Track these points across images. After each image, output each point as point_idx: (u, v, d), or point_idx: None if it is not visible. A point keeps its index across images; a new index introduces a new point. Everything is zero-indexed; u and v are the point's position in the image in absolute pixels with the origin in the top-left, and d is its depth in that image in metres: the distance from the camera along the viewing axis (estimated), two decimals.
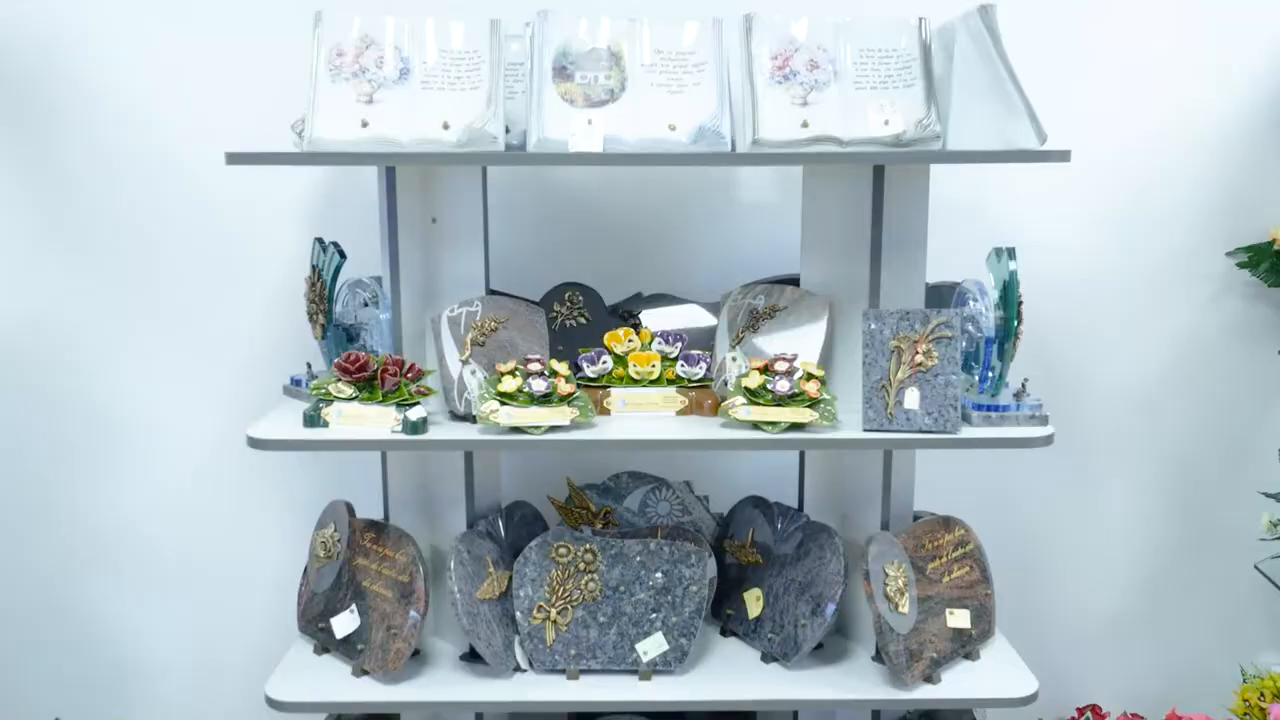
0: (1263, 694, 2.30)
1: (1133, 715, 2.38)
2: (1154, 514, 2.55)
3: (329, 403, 1.88)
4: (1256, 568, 2.39)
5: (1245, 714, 2.29)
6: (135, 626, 2.58)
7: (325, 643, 2.07)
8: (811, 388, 1.85)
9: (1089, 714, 2.40)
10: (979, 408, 1.89)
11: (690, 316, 2.15)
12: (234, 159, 1.79)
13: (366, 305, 2.06)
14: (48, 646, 2.59)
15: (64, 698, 2.57)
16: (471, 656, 2.03)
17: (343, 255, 2.05)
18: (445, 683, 1.97)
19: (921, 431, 1.83)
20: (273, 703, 1.92)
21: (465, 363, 1.93)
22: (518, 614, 2.01)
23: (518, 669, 1.99)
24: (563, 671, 1.99)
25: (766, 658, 2.03)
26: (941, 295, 2.04)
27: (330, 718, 2.19)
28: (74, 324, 2.45)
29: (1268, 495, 2.32)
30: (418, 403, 1.87)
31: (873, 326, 1.87)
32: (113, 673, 2.59)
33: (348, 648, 2.01)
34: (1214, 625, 2.59)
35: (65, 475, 2.52)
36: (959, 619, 2.03)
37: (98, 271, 2.43)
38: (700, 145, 1.84)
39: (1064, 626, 2.59)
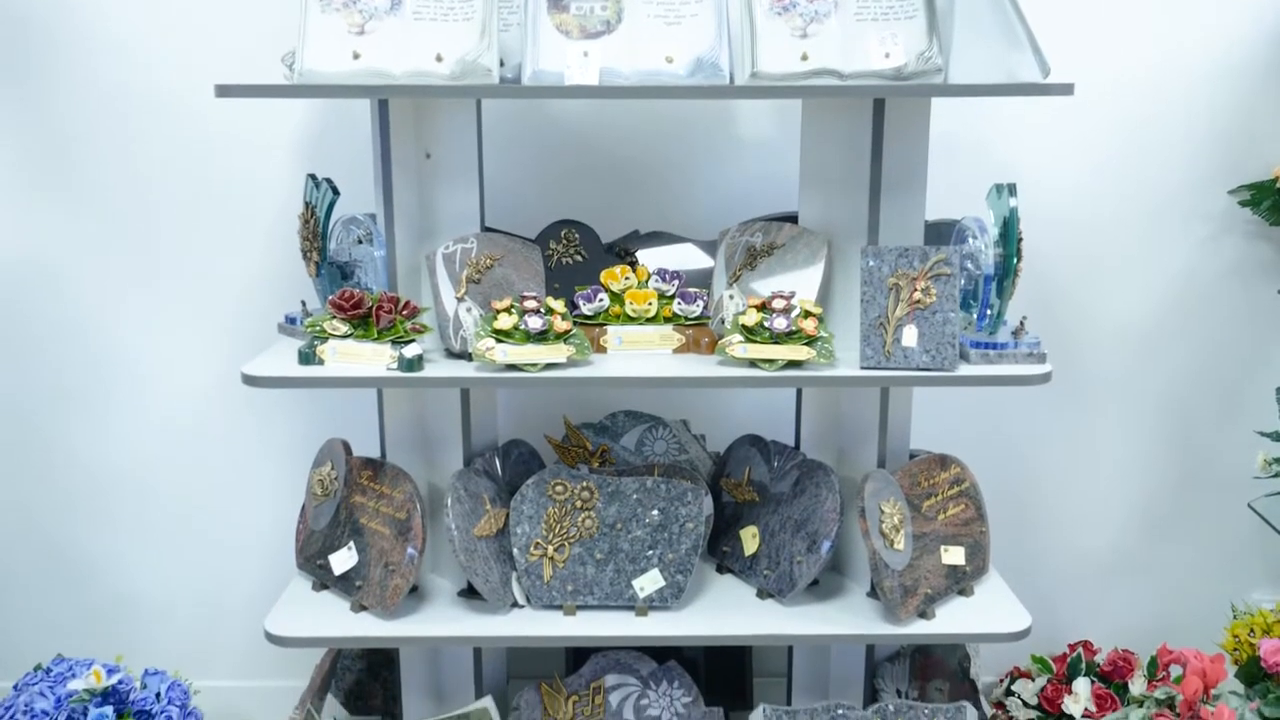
0: (1252, 630, 2.33)
1: (1124, 651, 2.40)
2: (1150, 453, 2.56)
3: (324, 340, 1.87)
4: (1250, 506, 2.40)
5: (1235, 649, 2.31)
6: (134, 565, 2.60)
7: (323, 579, 2.08)
8: (809, 325, 1.84)
9: (1080, 650, 2.42)
10: (977, 345, 1.88)
11: (687, 258, 2.13)
12: (223, 91, 1.76)
13: (361, 242, 2.04)
14: (48, 586, 2.61)
15: (65, 636, 2.60)
16: (469, 593, 2.04)
17: (336, 192, 2.03)
18: (443, 618, 1.98)
19: (919, 369, 1.83)
20: (272, 638, 1.94)
21: (461, 300, 1.92)
22: (515, 551, 2.02)
23: (515, 605, 2.00)
24: (560, 607, 2.00)
25: (762, 594, 2.05)
26: (941, 233, 2.02)
27: (330, 652, 2.22)
28: (65, 265, 2.43)
29: (1263, 434, 2.32)
30: (413, 340, 1.86)
31: (871, 263, 1.85)
32: (113, 611, 2.62)
33: (346, 584, 2.03)
34: (1206, 563, 2.61)
35: (61, 416, 2.52)
36: (954, 556, 2.04)
37: (88, 211, 2.40)
38: (698, 78, 1.81)
39: (1058, 564, 2.61)
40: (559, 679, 2.15)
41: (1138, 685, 2.32)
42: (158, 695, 2.25)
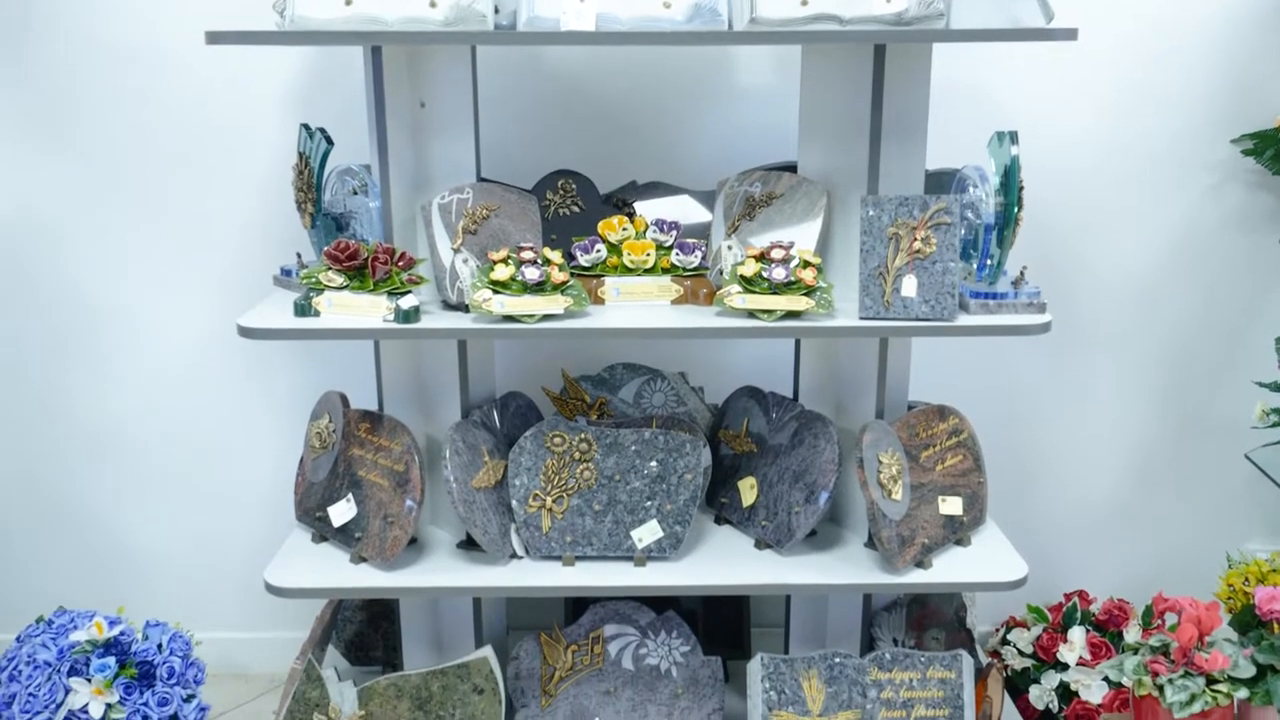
0: (1247, 579, 2.34)
1: (1119, 600, 2.42)
2: (1148, 403, 2.56)
3: (320, 292, 1.86)
4: (1247, 457, 2.41)
5: (1229, 598, 2.33)
6: (133, 518, 2.61)
7: (323, 531, 2.08)
8: (808, 275, 1.83)
9: (1075, 599, 2.44)
10: (976, 295, 1.87)
11: (685, 211, 2.11)
12: (214, 38, 1.74)
13: (355, 193, 2.02)
14: (48, 540, 2.62)
15: (66, 587, 2.61)
16: (468, 544, 2.05)
17: (330, 142, 2.01)
18: (443, 569, 1.99)
19: (918, 319, 1.82)
20: (272, 589, 1.94)
21: (457, 251, 1.90)
22: (513, 502, 2.02)
23: (514, 556, 2.01)
24: (559, 558, 2.01)
25: (760, 544, 2.05)
26: (941, 182, 2.01)
27: (330, 603, 2.23)
28: (58, 219, 2.41)
29: (1262, 385, 2.32)
30: (409, 291, 1.85)
31: (871, 213, 1.83)
32: (113, 564, 2.63)
33: (345, 536, 2.03)
34: (1202, 514, 2.62)
35: (58, 369, 2.51)
36: (951, 506, 2.04)
37: (81, 164, 2.38)
38: (696, 23, 1.78)
39: (1055, 515, 2.62)
40: (558, 629, 2.16)
41: (1132, 634, 2.34)
42: (159, 646, 2.26)
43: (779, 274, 1.83)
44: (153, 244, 2.43)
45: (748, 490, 2.10)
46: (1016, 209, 1.86)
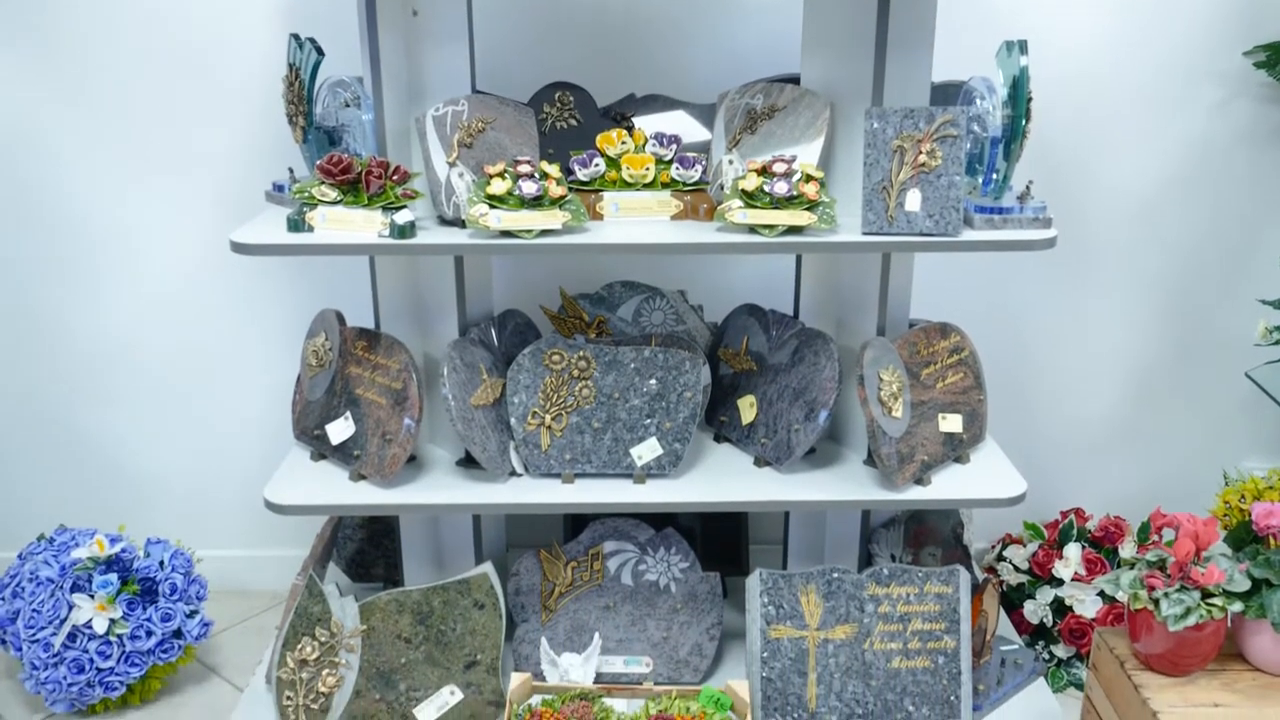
0: (1243, 496, 2.36)
1: (1115, 518, 2.44)
2: (1149, 321, 2.55)
3: (313, 207, 1.83)
4: (1248, 375, 2.40)
5: (1225, 515, 2.34)
6: (132, 438, 2.60)
7: (321, 449, 2.08)
8: (810, 190, 1.80)
9: (1072, 516, 2.45)
10: (981, 210, 1.84)
11: (684, 129, 2.06)
12: None
13: (348, 106, 1.97)
14: (47, 461, 2.62)
15: (66, 509, 2.62)
16: (467, 462, 2.05)
17: (320, 53, 1.95)
18: (442, 486, 1.99)
19: (922, 234, 1.79)
20: (272, 506, 1.94)
21: (452, 165, 1.87)
22: (512, 420, 2.01)
23: (513, 474, 2.01)
24: (558, 476, 2.01)
25: (759, 462, 2.05)
26: (947, 95, 1.96)
27: (330, 521, 2.23)
28: (47, 135, 2.36)
29: (1265, 303, 2.30)
30: (404, 206, 1.81)
31: (875, 125, 1.79)
32: (112, 485, 2.63)
33: (344, 454, 2.03)
34: (1200, 432, 2.62)
35: (53, 290, 2.48)
36: (951, 423, 2.04)
37: (69, 82, 2.33)
38: None
39: (1054, 433, 2.63)
40: (557, 546, 2.18)
41: (1128, 550, 2.36)
42: (161, 563, 2.28)
43: (781, 188, 1.79)
44: (143, 161, 2.38)
45: (747, 408, 2.10)
46: (1024, 121, 1.82)
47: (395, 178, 1.83)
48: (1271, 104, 2.38)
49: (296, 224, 1.82)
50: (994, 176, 1.88)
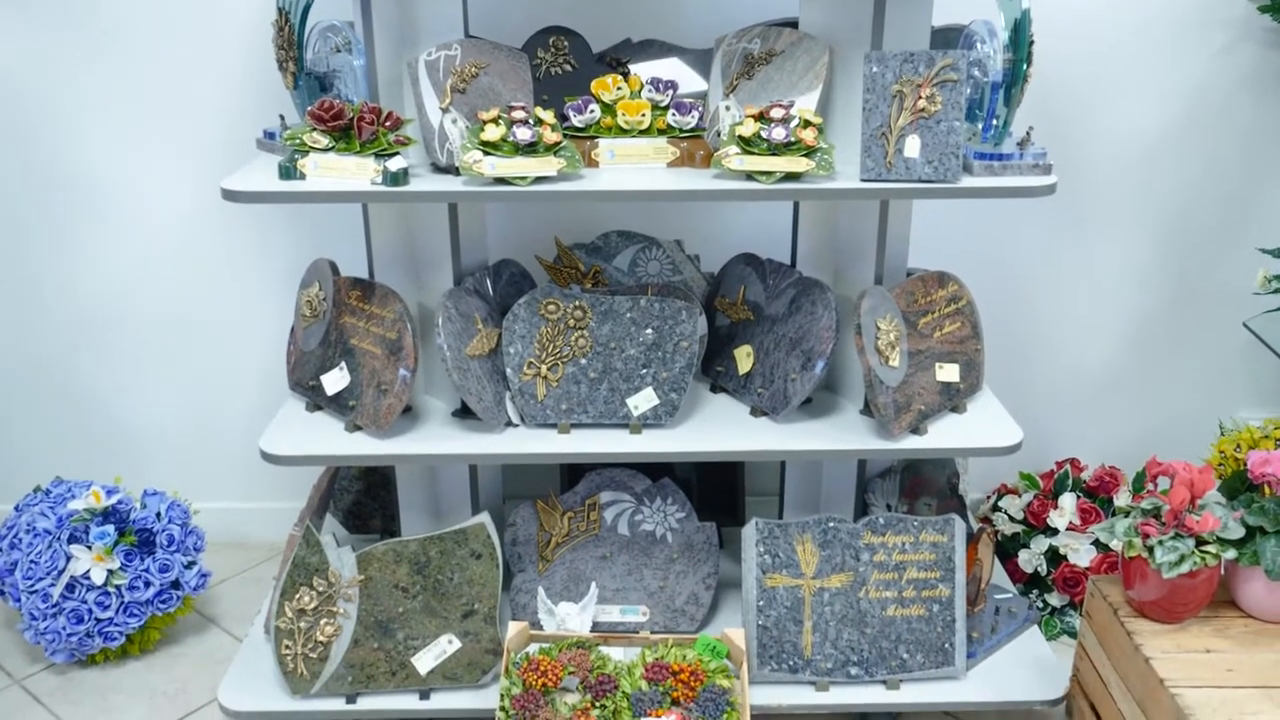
0: (1239, 446, 2.36)
1: (1110, 467, 2.44)
2: (1148, 270, 2.53)
3: (304, 154, 1.80)
4: (1246, 325, 2.39)
5: (1220, 465, 2.35)
6: (126, 390, 2.59)
7: (317, 400, 2.07)
8: (808, 136, 1.78)
9: (1067, 466, 2.46)
10: (981, 156, 1.82)
11: (681, 77, 2.02)
12: None
13: (339, 51, 1.94)
14: (42, 412, 2.61)
15: (62, 462, 2.61)
16: (463, 413, 2.04)
17: None
18: (438, 437, 1.98)
19: (921, 181, 1.77)
20: (268, 456, 1.94)
21: (446, 111, 1.84)
22: (508, 370, 2.00)
23: (509, 424, 2.01)
24: (554, 426, 2.00)
25: (756, 412, 2.05)
26: (948, 39, 1.93)
27: (327, 472, 2.23)
28: (38, 86, 2.33)
29: (1265, 251, 2.29)
30: (397, 153, 1.79)
31: (874, 70, 1.77)
32: (107, 437, 2.63)
33: (339, 405, 2.02)
34: (1197, 382, 2.62)
35: (45, 242, 2.46)
36: (948, 373, 2.04)
37: (54, 28, 2.28)
38: None
39: (1050, 383, 2.62)
40: (554, 496, 2.18)
41: (1123, 499, 2.37)
42: (158, 515, 2.28)
43: (778, 134, 1.77)
44: (132, 111, 2.35)
45: (744, 358, 2.09)
46: (1025, 66, 1.80)
47: (387, 124, 1.80)
48: (1275, 49, 2.35)
49: (288, 171, 1.80)
50: (994, 122, 1.86)
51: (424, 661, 2.00)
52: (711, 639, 1.97)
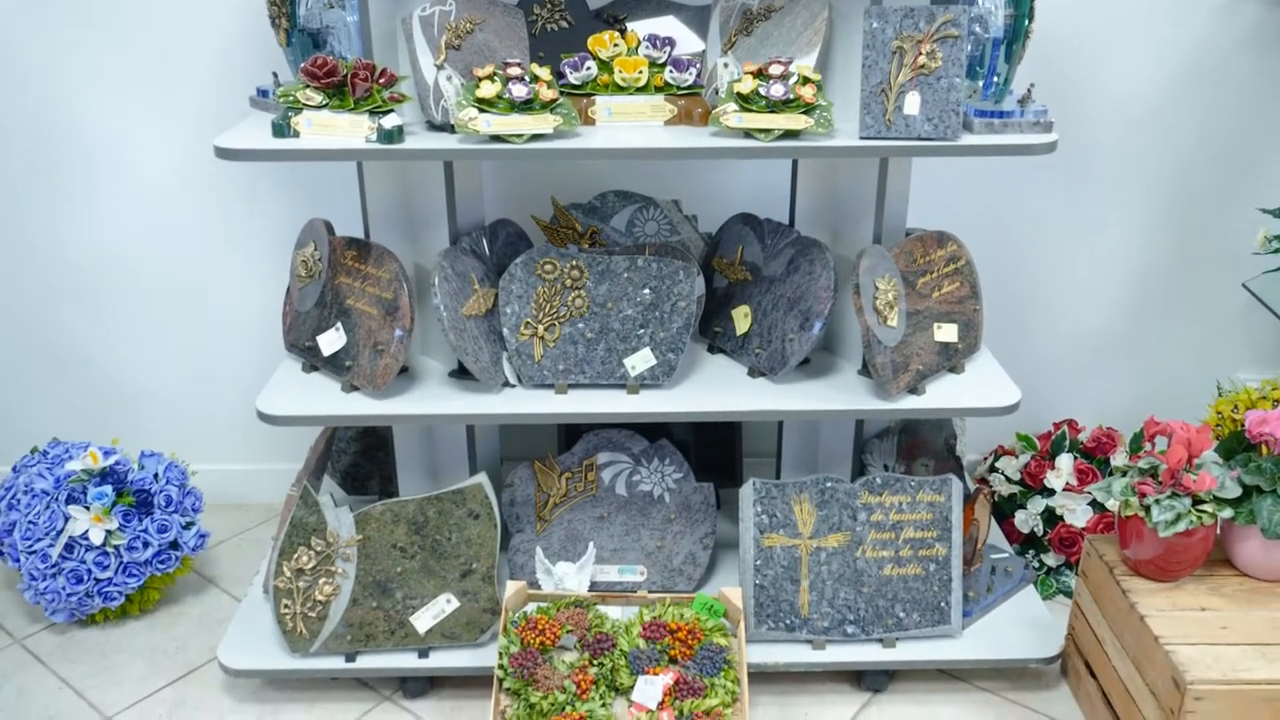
0: (1236, 407, 2.36)
1: (1107, 429, 2.44)
2: (1148, 230, 2.52)
3: (298, 111, 1.78)
4: (1245, 285, 2.38)
5: (1218, 425, 2.35)
6: (123, 351, 2.58)
7: (313, 361, 2.06)
8: (807, 93, 1.76)
9: (1065, 427, 2.46)
10: (981, 114, 1.80)
11: (677, 33, 2.00)
12: None
13: (332, 7, 1.91)
14: (38, 373, 2.60)
15: (59, 421, 2.61)
16: (460, 373, 2.04)
17: None
18: (435, 397, 1.98)
19: (921, 139, 1.76)
20: (265, 417, 1.94)
21: (440, 67, 1.82)
22: (505, 330, 2.00)
23: (506, 384, 2.00)
24: (551, 386, 2.00)
25: (753, 372, 2.05)
26: None
27: (324, 433, 2.23)
28: (28, 44, 2.29)
29: (1265, 211, 2.28)
30: (391, 110, 1.77)
31: (874, 25, 1.75)
32: (104, 399, 2.62)
33: (335, 365, 2.01)
34: (1195, 343, 2.61)
35: (40, 201, 2.44)
36: (946, 333, 2.03)
37: None
38: None
39: (1048, 343, 2.62)
40: (551, 457, 2.18)
41: (1120, 459, 2.37)
42: (156, 476, 2.28)
43: (777, 91, 1.75)
44: (123, 69, 2.32)
45: (741, 319, 2.08)
46: (1027, 22, 1.78)
47: (381, 81, 1.78)
48: (1276, 7, 2.32)
49: (281, 129, 1.78)
50: (995, 79, 1.84)
51: (422, 621, 2.01)
52: (709, 598, 1.97)
